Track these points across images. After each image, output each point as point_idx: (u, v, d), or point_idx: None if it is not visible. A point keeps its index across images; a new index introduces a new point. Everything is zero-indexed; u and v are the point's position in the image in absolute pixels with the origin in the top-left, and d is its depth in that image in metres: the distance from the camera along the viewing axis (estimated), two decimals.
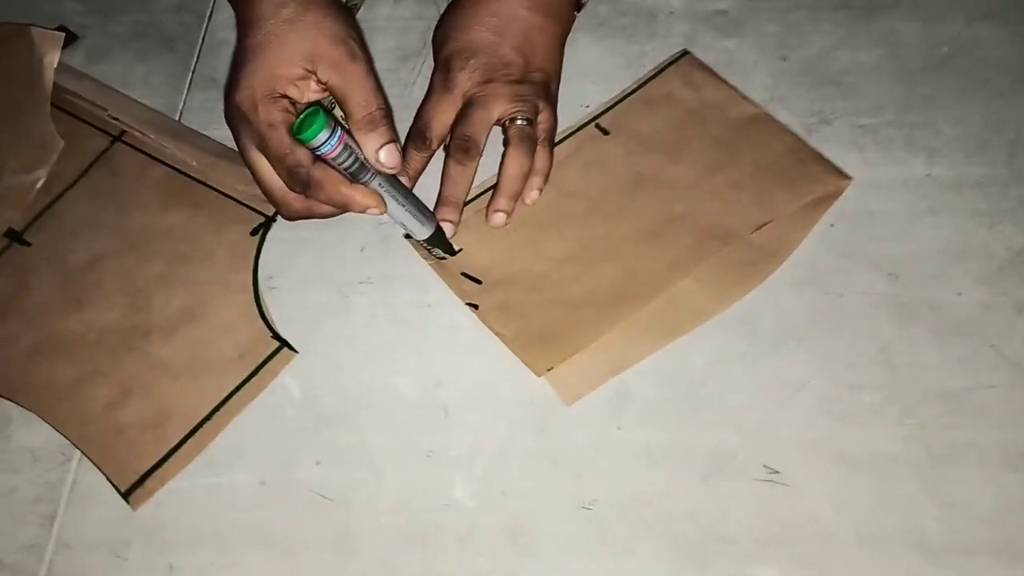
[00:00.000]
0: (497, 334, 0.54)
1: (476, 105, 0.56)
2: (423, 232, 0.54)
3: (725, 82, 0.63)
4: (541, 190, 0.58)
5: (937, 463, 0.49)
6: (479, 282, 0.56)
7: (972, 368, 0.51)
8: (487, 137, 0.56)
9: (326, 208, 0.51)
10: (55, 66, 0.63)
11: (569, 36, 0.64)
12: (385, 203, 0.51)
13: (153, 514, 0.50)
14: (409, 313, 0.56)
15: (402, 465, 0.50)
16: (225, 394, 0.53)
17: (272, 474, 0.50)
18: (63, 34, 0.64)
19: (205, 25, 0.71)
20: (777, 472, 0.49)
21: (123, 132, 0.62)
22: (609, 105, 0.63)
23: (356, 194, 0.50)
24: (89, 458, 0.51)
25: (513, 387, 0.52)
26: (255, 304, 0.56)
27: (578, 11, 0.60)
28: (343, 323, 0.56)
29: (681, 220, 0.57)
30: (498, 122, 0.57)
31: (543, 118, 0.58)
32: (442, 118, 0.57)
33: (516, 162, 0.55)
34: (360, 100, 0.49)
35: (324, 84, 0.51)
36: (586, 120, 0.62)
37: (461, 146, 0.55)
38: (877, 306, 0.54)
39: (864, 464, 0.49)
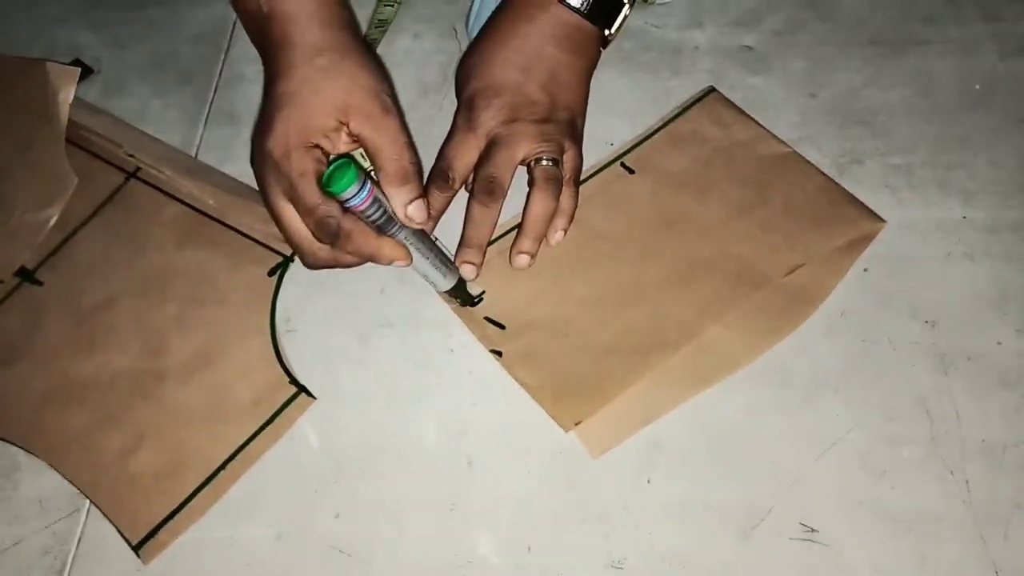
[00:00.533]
0: (521, 383, 0.52)
1: (501, 145, 0.54)
2: (444, 284, 0.53)
3: (753, 120, 0.62)
4: (566, 231, 0.56)
5: (982, 522, 0.47)
6: (502, 327, 0.54)
7: (1016, 421, 0.50)
8: (512, 178, 0.55)
9: (351, 258, 0.50)
10: (70, 102, 0.62)
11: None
12: (411, 256, 0.50)
13: (165, 569, 0.48)
14: (432, 358, 0.54)
15: (424, 519, 0.49)
16: (241, 442, 0.51)
17: (289, 527, 0.49)
18: (78, 69, 0.63)
19: (223, 58, 0.70)
20: (815, 531, 0.47)
21: (138, 169, 0.61)
22: (635, 143, 0.61)
23: (384, 247, 0.49)
24: (99, 508, 0.50)
25: (540, 437, 0.51)
26: (272, 348, 0.54)
27: (604, 47, 0.59)
28: (363, 368, 0.54)
29: (710, 262, 0.56)
30: (523, 162, 0.55)
31: (568, 157, 0.56)
32: (465, 158, 0.55)
33: (541, 204, 0.54)
34: (392, 155, 0.49)
35: (356, 136, 0.50)
36: (611, 158, 0.61)
37: (485, 187, 0.54)
38: (914, 355, 0.52)
39: (905, 523, 0.47)
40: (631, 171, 0.60)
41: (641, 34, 0.68)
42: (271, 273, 0.57)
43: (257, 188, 0.52)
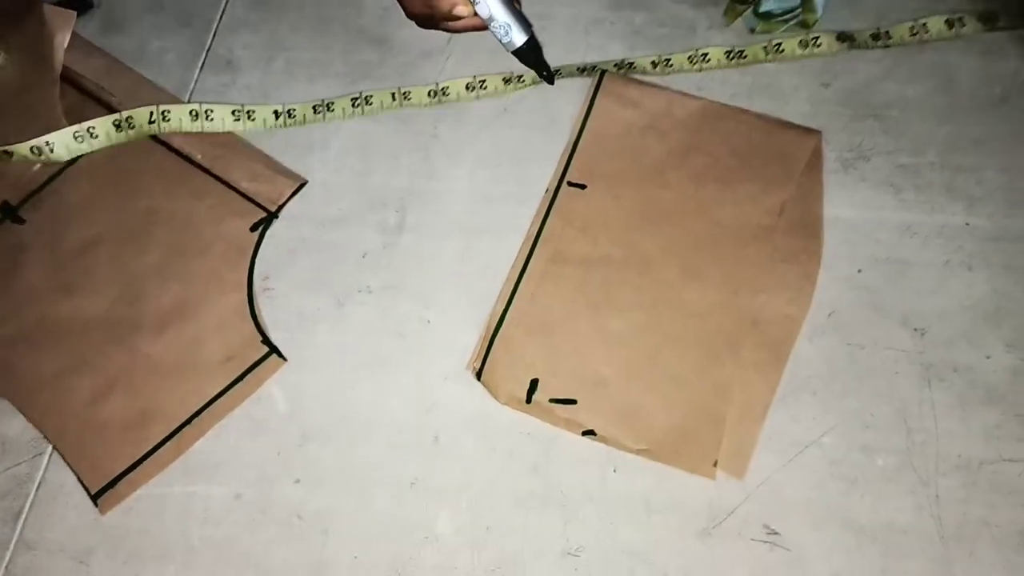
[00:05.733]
0: (638, 453, 0.49)
1: None
2: (519, 37, 0.53)
3: (653, 86, 0.61)
4: None
5: (949, 539, 0.46)
6: (573, 402, 0.50)
7: (995, 439, 0.48)
8: None
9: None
10: (65, 47, 0.61)
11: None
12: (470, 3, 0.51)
13: (121, 520, 0.48)
14: (408, 328, 0.53)
15: (385, 492, 0.48)
16: (209, 398, 0.51)
17: (249, 489, 0.48)
18: (75, 13, 0.62)
19: (224, 3, 0.68)
20: (777, 534, 0.46)
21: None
22: (566, 160, 0.59)
23: None
24: (62, 454, 0.50)
25: (510, 418, 0.50)
26: (248, 305, 0.54)
27: None
28: (338, 333, 0.53)
29: (710, 238, 0.55)
30: None
31: None
32: None
33: None
34: None
35: None
36: (556, 184, 0.58)
37: None
38: (900, 363, 0.51)
39: (871, 534, 0.46)
40: (582, 186, 0.58)
41: (655, 7, 0.65)
42: (253, 228, 0.56)
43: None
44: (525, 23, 0.53)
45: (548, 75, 0.57)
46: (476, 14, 0.52)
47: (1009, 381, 0.50)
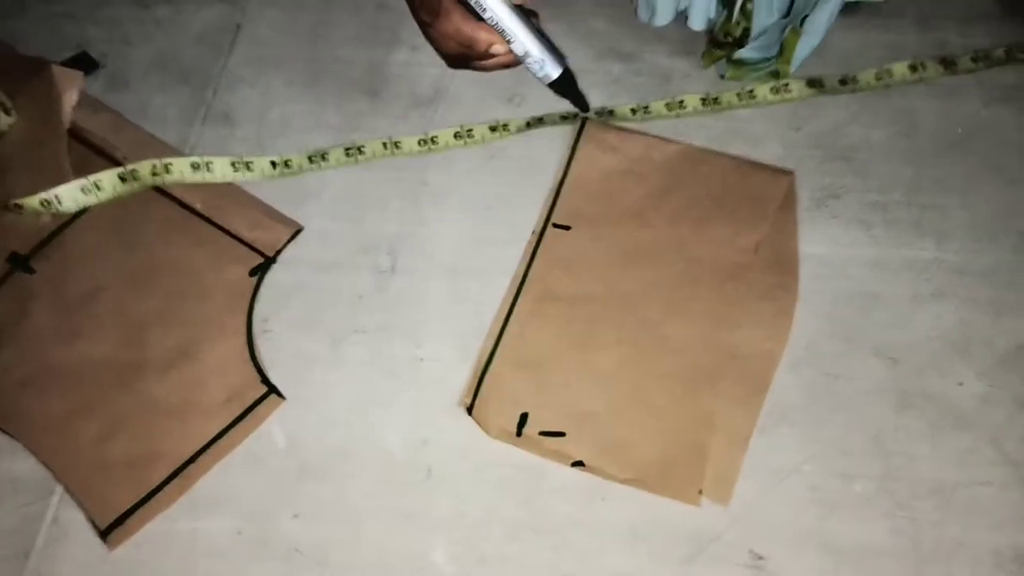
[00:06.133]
0: (623, 482, 0.51)
1: None
2: (554, 70, 0.53)
3: (635, 131, 0.64)
4: None
5: (925, 560, 0.48)
6: (562, 434, 0.52)
7: (968, 463, 0.50)
8: None
9: (460, 45, 0.51)
10: (73, 104, 0.64)
11: None
12: (506, 41, 0.51)
13: (129, 556, 0.49)
14: (401, 366, 0.55)
15: (381, 524, 0.50)
16: (211, 437, 0.53)
17: (249, 524, 0.50)
18: (82, 73, 0.65)
19: (224, 60, 0.71)
20: (762, 558, 0.48)
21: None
22: (551, 202, 0.61)
23: (480, 30, 0.50)
24: (71, 493, 0.51)
25: (501, 451, 0.52)
26: (247, 347, 0.56)
27: None
28: (334, 372, 0.55)
29: (689, 276, 0.57)
30: None
31: None
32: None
33: None
34: None
35: None
36: (541, 226, 0.60)
37: None
38: (874, 392, 0.53)
39: (851, 556, 0.48)
40: (566, 228, 0.60)
41: (634, 59, 0.69)
42: (252, 273, 0.59)
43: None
44: (559, 55, 0.54)
45: (583, 103, 0.57)
46: (511, 51, 0.52)
47: (979, 407, 0.52)
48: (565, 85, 0.55)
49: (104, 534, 0.50)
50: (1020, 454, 0.50)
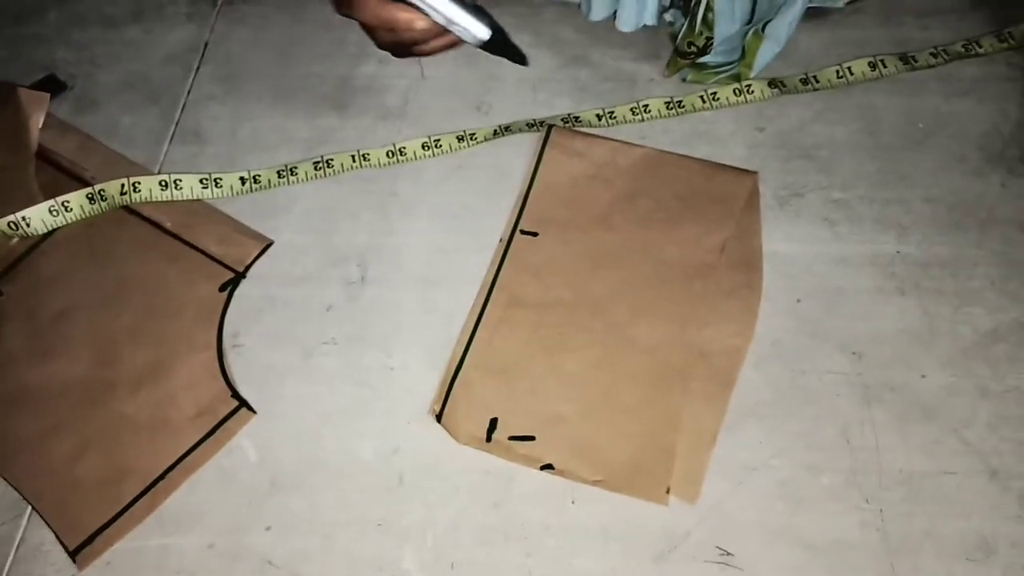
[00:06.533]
0: (592, 483, 0.51)
1: None
2: (484, 32, 0.53)
3: (599, 136, 0.65)
4: None
5: (894, 551, 0.48)
6: (532, 438, 0.53)
7: (934, 453, 0.51)
8: None
9: (388, 32, 0.53)
10: (40, 127, 0.64)
11: None
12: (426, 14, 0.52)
13: (99, 575, 0.49)
14: (372, 376, 0.56)
15: (353, 534, 0.50)
16: (181, 453, 0.53)
17: (221, 538, 0.50)
18: (48, 95, 0.66)
19: (192, 78, 0.72)
20: (731, 555, 0.48)
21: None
22: (519, 209, 0.62)
23: (397, 11, 0.51)
24: (40, 513, 0.51)
25: (471, 457, 0.52)
26: (218, 362, 0.56)
27: None
28: (305, 384, 0.56)
29: (656, 278, 0.58)
30: None
31: None
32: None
33: None
34: None
35: None
36: (509, 233, 0.61)
37: None
38: (839, 386, 0.53)
39: (820, 550, 0.48)
40: (534, 234, 0.61)
41: (598, 65, 0.69)
42: (222, 289, 0.59)
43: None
44: (485, 15, 0.53)
45: (520, 57, 0.56)
46: (436, 24, 0.52)
47: (943, 398, 0.53)
48: (498, 45, 0.54)
49: (73, 554, 0.50)
50: (984, 443, 0.51)
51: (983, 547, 0.48)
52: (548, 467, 0.51)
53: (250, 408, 0.54)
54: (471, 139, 0.66)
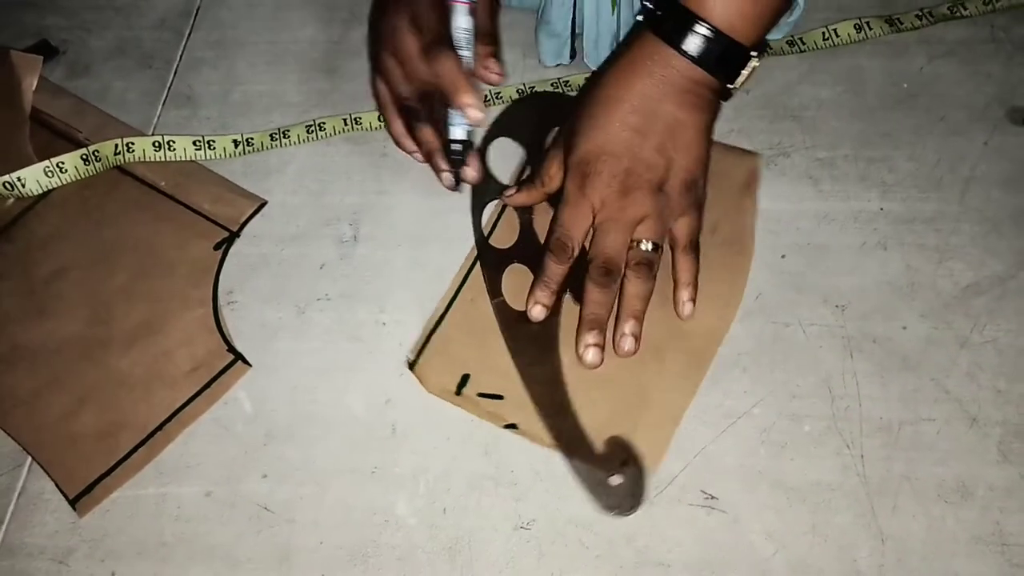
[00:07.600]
0: (552, 448, 0.52)
1: (611, 227, 0.53)
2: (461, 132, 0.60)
3: None
4: (694, 300, 0.55)
5: (873, 495, 0.49)
6: (500, 397, 0.53)
7: (914, 401, 0.52)
8: (626, 254, 0.54)
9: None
10: (33, 89, 0.65)
11: None
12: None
13: (99, 522, 0.50)
14: (364, 331, 0.57)
15: (347, 481, 0.51)
16: (177, 405, 0.54)
17: (218, 486, 0.51)
18: (41, 58, 0.66)
19: (184, 43, 0.72)
20: (715, 498, 0.50)
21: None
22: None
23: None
24: (40, 464, 0.52)
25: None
26: (213, 318, 0.57)
27: (725, 100, 0.55)
28: (299, 339, 0.57)
29: None
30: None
31: (683, 223, 0.55)
32: (582, 227, 0.54)
33: (633, 285, 0.53)
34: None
35: None
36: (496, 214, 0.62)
37: (603, 271, 0.53)
38: (823, 337, 0.55)
39: (801, 493, 0.49)
40: None
41: None
42: (216, 247, 0.60)
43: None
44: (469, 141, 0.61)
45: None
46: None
47: (923, 349, 0.54)
48: (459, 153, 0.60)
49: (73, 502, 0.51)
50: (962, 391, 0.52)
51: (961, 489, 0.49)
52: (512, 426, 0.52)
53: (245, 361, 0.55)
54: None
